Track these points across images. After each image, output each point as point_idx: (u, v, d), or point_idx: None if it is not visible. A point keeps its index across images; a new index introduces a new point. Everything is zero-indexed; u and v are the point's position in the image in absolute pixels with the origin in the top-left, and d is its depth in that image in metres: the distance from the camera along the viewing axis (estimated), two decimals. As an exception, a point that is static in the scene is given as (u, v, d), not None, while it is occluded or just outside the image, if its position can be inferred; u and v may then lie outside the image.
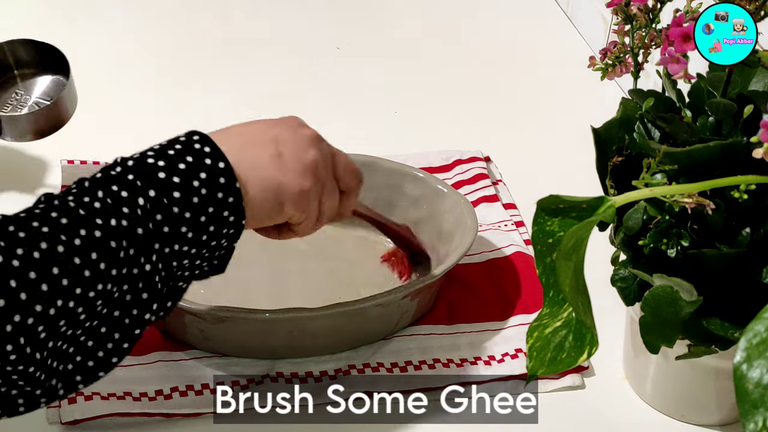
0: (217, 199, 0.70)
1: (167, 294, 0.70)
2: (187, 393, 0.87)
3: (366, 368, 0.90)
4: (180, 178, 0.69)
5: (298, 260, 1.01)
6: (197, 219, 0.69)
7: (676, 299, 0.73)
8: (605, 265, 0.82)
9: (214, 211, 0.70)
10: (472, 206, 0.99)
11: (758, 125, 0.67)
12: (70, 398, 0.84)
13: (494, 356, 0.91)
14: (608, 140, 0.81)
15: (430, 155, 1.14)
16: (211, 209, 0.70)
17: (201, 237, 0.70)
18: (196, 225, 0.70)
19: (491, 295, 0.98)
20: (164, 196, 0.68)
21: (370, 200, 1.03)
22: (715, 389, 0.85)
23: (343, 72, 1.33)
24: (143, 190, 0.68)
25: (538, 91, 1.31)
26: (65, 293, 0.63)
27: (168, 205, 0.68)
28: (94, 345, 0.66)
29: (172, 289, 0.71)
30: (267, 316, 0.87)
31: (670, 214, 0.75)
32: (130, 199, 0.67)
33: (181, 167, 0.70)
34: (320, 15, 1.44)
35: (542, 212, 0.70)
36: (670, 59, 0.73)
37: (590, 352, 0.71)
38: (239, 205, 0.72)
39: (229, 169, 0.71)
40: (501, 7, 1.47)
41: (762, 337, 0.55)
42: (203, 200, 0.70)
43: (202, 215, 0.70)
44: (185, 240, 0.69)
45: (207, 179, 0.70)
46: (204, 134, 0.72)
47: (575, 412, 0.88)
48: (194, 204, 0.69)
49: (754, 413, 0.54)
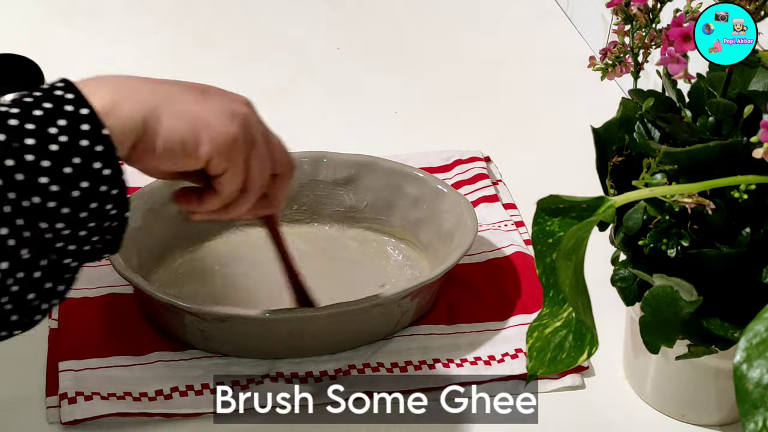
0: (81, 147, 0.63)
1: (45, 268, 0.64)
2: (187, 393, 0.87)
3: (366, 368, 0.90)
4: (35, 125, 0.62)
5: (298, 260, 1.01)
6: (59, 170, 0.62)
7: (676, 299, 0.73)
8: (605, 265, 0.82)
9: (81, 163, 0.63)
10: (472, 206, 0.99)
11: (758, 125, 0.67)
12: (70, 398, 0.84)
13: (494, 356, 0.91)
14: (608, 140, 0.81)
15: (430, 155, 1.14)
16: (77, 160, 0.63)
17: (70, 193, 0.63)
18: (58, 177, 0.62)
19: (491, 295, 0.98)
20: (15, 141, 0.62)
21: (370, 200, 1.04)
22: (715, 389, 0.85)
23: (343, 72, 1.33)
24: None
25: (538, 91, 1.31)
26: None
27: (20, 151, 0.61)
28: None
29: (51, 264, 0.65)
30: (267, 317, 0.87)
31: (670, 214, 0.75)
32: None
33: (36, 114, 0.63)
34: (320, 15, 1.44)
35: (542, 212, 0.70)
36: (670, 59, 0.73)
37: (590, 352, 0.71)
38: (111, 155, 0.64)
39: (94, 116, 0.64)
40: (501, 7, 1.47)
41: (762, 337, 0.55)
42: (64, 149, 0.63)
43: (66, 166, 0.63)
44: (48, 194, 0.62)
45: (66, 126, 0.63)
46: (69, 81, 0.66)
47: (575, 412, 0.88)
48: (53, 152, 0.62)
49: (754, 413, 0.54)
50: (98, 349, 0.90)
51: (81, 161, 0.63)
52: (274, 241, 0.89)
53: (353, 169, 1.03)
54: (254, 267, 1.00)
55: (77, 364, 0.88)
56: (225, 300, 0.95)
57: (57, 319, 0.92)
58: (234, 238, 1.03)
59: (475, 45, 1.39)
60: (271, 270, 0.99)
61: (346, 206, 1.04)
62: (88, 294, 0.95)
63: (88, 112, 0.64)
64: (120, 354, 0.90)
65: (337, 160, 1.04)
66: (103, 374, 0.87)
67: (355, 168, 1.03)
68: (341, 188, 1.04)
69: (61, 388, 0.85)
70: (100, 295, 0.95)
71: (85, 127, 0.64)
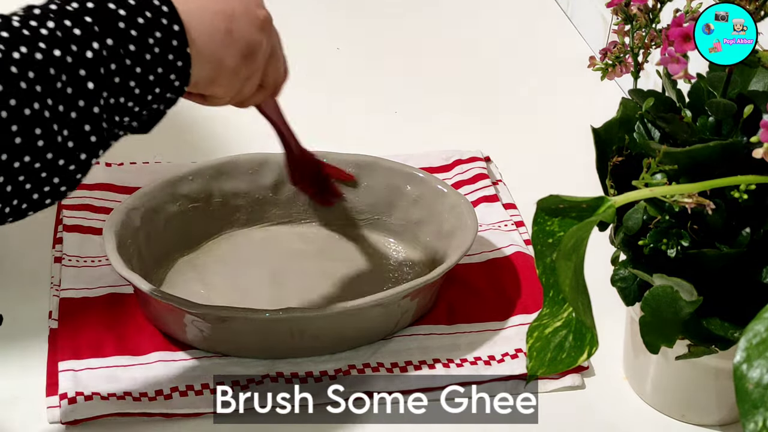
0: (168, 60, 0.70)
1: (106, 144, 0.69)
2: (187, 393, 0.87)
3: (366, 368, 0.90)
4: (137, 32, 0.68)
5: (298, 260, 1.01)
6: (146, 76, 0.69)
7: (676, 299, 0.73)
8: (605, 265, 0.82)
9: (162, 72, 0.70)
10: (472, 206, 0.99)
11: (758, 125, 0.67)
12: (70, 398, 0.84)
13: (494, 356, 0.91)
14: (608, 140, 0.81)
15: (430, 155, 1.14)
16: (160, 69, 0.70)
17: (146, 96, 0.70)
18: (144, 82, 0.69)
19: (491, 295, 0.98)
20: (121, 47, 0.67)
21: (370, 200, 1.04)
22: (715, 389, 0.85)
23: (343, 72, 1.33)
24: (100, 35, 0.67)
25: (538, 91, 1.31)
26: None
27: (123, 56, 0.68)
28: (32, 187, 0.65)
29: (107, 143, 0.70)
30: (267, 317, 0.87)
31: (670, 214, 0.75)
32: (83, 40, 0.66)
33: (140, 21, 0.69)
34: (320, 15, 1.44)
35: (542, 212, 0.70)
36: (670, 59, 0.73)
37: (590, 352, 0.71)
38: (186, 71, 0.72)
39: (183, 34, 0.71)
40: (501, 7, 1.48)
41: (762, 337, 0.55)
42: (155, 59, 0.69)
43: (151, 74, 0.69)
44: (131, 95, 0.69)
45: (162, 39, 0.69)
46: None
47: (575, 412, 0.88)
48: (146, 61, 0.69)
49: (754, 413, 0.54)
50: (98, 349, 0.90)
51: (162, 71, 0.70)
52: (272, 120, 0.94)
53: (353, 169, 1.04)
54: (254, 267, 1.00)
55: (77, 364, 0.88)
56: (225, 300, 0.95)
57: (57, 319, 0.92)
58: (234, 238, 1.03)
59: (475, 45, 1.39)
60: (272, 270, 1.00)
61: (346, 206, 1.04)
62: (88, 294, 0.95)
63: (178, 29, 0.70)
64: (120, 354, 0.90)
65: (337, 160, 1.04)
66: (103, 374, 0.87)
67: (355, 168, 1.04)
68: (341, 188, 1.04)
69: (61, 388, 0.85)
70: (100, 295, 0.95)
71: (174, 43, 0.70)
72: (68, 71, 0.65)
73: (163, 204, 0.99)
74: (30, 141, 0.64)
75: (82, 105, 0.66)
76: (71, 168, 0.67)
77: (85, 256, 0.99)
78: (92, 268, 0.98)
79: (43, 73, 0.64)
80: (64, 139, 0.65)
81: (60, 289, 0.95)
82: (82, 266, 0.98)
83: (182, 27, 0.71)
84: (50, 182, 0.66)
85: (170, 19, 0.70)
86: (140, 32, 0.69)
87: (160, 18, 0.70)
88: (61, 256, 0.99)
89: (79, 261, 0.98)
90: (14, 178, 0.64)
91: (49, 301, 0.95)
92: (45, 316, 0.93)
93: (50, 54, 0.64)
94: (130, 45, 0.68)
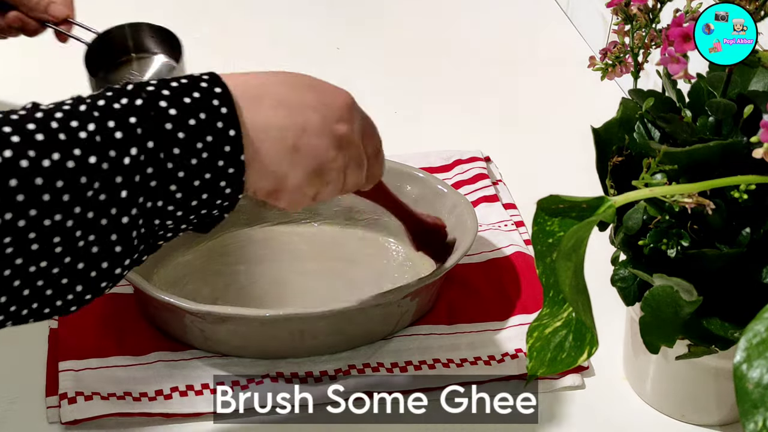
0: (217, 167, 0.66)
1: (143, 249, 0.67)
2: (187, 393, 0.87)
3: (366, 368, 0.90)
4: (185, 134, 0.64)
5: (298, 260, 1.01)
6: (190, 182, 0.65)
7: (676, 299, 0.73)
8: (605, 265, 0.82)
9: (210, 178, 0.66)
10: (472, 206, 0.99)
11: (758, 125, 0.67)
12: (70, 398, 0.84)
13: (494, 356, 0.91)
14: (608, 140, 0.81)
15: (430, 155, 1.14)
16: (208, 175, 0.66)
17: (190, 202, 0.66)
18: (187, 187, 0.65)
19: (491, 295, 0.98)
20: (162, 150, 0.64)
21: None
22: (715, 389, 0.85)
23: (343, 72, 1.33)
24: (141, 139, 0.63)
25: (538, 91, 1.31)
26: (18, 209, 0.59)
27: (163, 161, 0.64)
28: (53, 293, 0.62)
29: (149, 246, 0.67)
30: (267, 317, 0.87)
31: (670, 214, 0.75)
32: (122, 145, 0.62)
33: (191, 123, 0.65)
34: (320, 15, 1.44)
35: (542, 212, 0.70)
36: (670, 59, 0.73)
37: (590, 352, 0.71)
38: (239, 178, 0.67)
39: (239, 139, 0.66)
40: (501, 7, 1.48)
41: (762, 337, 0.55)
42: (202, 164, 0.65)
43: (197, 179, 0.65)
44: (172, 200, 0.65)
45: (212, 143, 0.65)
46: (226, 89, 0.66)
47: (575, 412, 0.88)
48: (191, 165, 0.65)
49: (754, 413, 0.54)
50: (98, 349, 0.90)
51: (211, 177, 0.66)
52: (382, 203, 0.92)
53: (353, 169, 1.03)
54: (254, 267, 1.00)
55: (77, 364, 0.88)
56: (225, 300, 0.95)
57: (57, 319, 0.92)
58: (234, 238, 1.03)
59: (475, 45, 1.39)
60: (272, 270, 1.00)
61: (346, 206, 1.04)
62: (88, 294, 0.95)
63: (234, 134, 0.66)
64: (120, 354, 0.90)
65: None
66: (103, 374, 0.87)
67: (355, 168, 1.03)
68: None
69: (61, 388, 0.85)
70: (100, 295, 0.95)
71: (227, 149, 0.66)
72: (102, 179, 0.61)
73: (163, 204, 0.99)
74: (48, 248, 0.60)
75: (113, 213, 0.62)
76: (93, 275, 0.63)
77: (85, 256, 0.99)
78: (92, 268, 0.98)
79: (74, 182, 0.60)
80: (87, 245, 0.62)
81: (60, 289, 0.95)
82: (82, 266, 0.98)
83: (239, 132, 0.66)
84: (72, 289, 0.63)
85: (226, 123, 0.66)
86: (189, 135, 0.64)
87: (215, 121, 0.65)
88: (61, 256, 0.98)
89: (79, 261, 0.98)
90: (32, 282, 0.61)
91: (49, 301, 0.94)
92: (45, 316, 0.93)
93: (84, 161, 0.61)
94: (175, 149, 0.64)
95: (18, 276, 0.60)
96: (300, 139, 0.71)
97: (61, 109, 0.62)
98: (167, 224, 0.67)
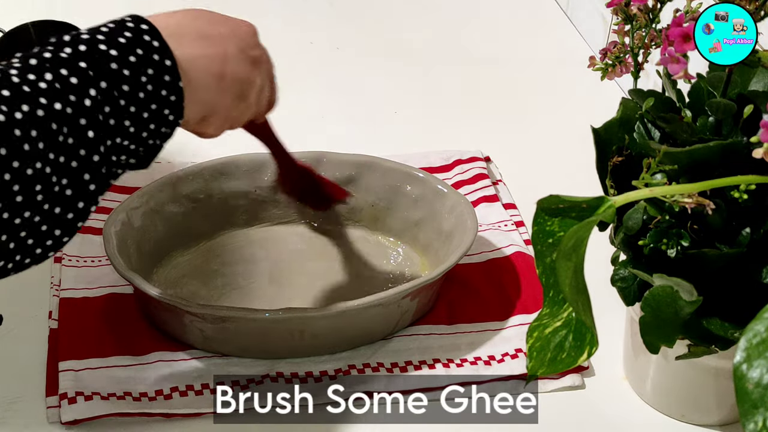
0: (161, 96, 0.70)
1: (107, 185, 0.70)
2: (187, 393, 0.87)
3: (366, 368, 0.90)
4: (130, 71, 0.68)
5: (298, 260, 1.01)
6: (140, 114, 0.69)
7: (676, 299, 0.73)
8: (605, 265, 0.82)
9: (156, 109, 0.70)
10: (472, 206, 0.99)
11: (758, 125, 0.67)
12: (70, 398, 0.84)
13: (494, 356, 0.91)
14: (608, 140, 0.81)
15: (430, 155, 1.14)
16: (154, 106, 0.70)
17: (141, 133, 0.70)
18: (139, 120, 0.69)
19: (491, 295, 0.98)
20: (115, 88, 0.68)
21: (370, 200, 1.04)
22: (715, 389, 0.85)
23: (343, 72, 1.33)
24: (95, 80, 0.67)
25: (538, 91, 1.31)
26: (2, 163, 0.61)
27: (117, 98, 0.68)
28: (34, 241, 0.65)
29: (110, 182, 0.70)
30: (267, 317, 0.87)
31: (670, 214, 0.75)
32: (80, 88, 0.66)
33: (131, 60, 0.69)
34: (320, 15, 1.44)
35: (542, 212, 0.70)
36: (670, 59, 0.73)
37: (590, 352, 0.71)
38: (180, 105, 0.71)
39: (175, 68, 0.71)
40: (501, 7, 1.48)
41: (762, 337, 0.55)
42: (148, 96, 0.69)
43: (145, 111, 0.69)
44: (127, 134, 0.69)
45: (154, 75, 0.70)
46: (151, 25, 0.71)
47: (575, 412, 0.88)
48: (140, 99, 0.69)
49: (754, 413, 0.54)
50: (98, 349, 0.90)
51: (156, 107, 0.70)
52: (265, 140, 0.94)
53: (353, 169, 1.04)
54: (254, 267, 1.00)
55: (77, 364, 0.88)
56: (225, 300, 0.95)
57: (57, 319, 0.92)
58: (234, 238, 1.03)
59: (475, 45, 1.39)
60: (272, 270, 1.00)
61: (346, 206, 1.04)
62: (88, 294, 0.95)
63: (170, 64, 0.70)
64: (120, 354, 0.90)
65: (337, 160, 1.04)
66: (103, 374, 0.87)
67: (355, 168, 1.04)
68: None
69: (61, 388, 0.85)
70: (100, 295, 0.95)
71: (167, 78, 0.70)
72: (69, 123, 0.65)
73: (163, 204, 0.99)
74: (30, 197, 0.63)
75: (83, 154, 0.66)
76: (69, 217, 0.67)
77: (85, 256, 0.99)
78: (92, 268, 0.98)
79: (46, 130, 0.64)
80: (62, 189, 0.65)
81: (60, 289, 0.95)
82: (82, 266, 0.98)
83: (174, 61, 0.71)
84: (51, 234, 0.66)
85: (162, 54, 0.70)
86: (133, 71, 0.68)
87: (151, 54, 0.70)
88: (61, 256, 0.99)
89: (79, 261, 0.98)
90: (16, 234, 0.64)
91: (49, 301, 0.95)
92: (45, 316, 0.93)
93: (51, 108, 0.64)
94: (124, 85, 0.68)
95: (4, 230, 0.63)
96: (224, 66, 0.76)
97: (14, 66, 0.66)
98: (121, 159, 0.70)
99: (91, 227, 1.01)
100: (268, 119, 0.91)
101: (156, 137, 0.72)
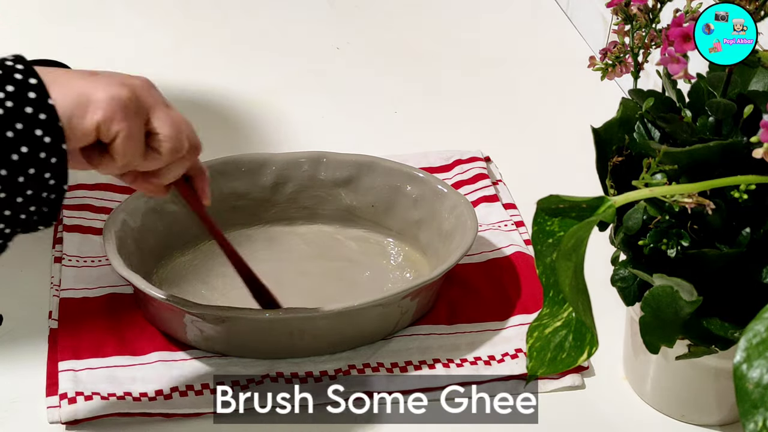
0: (26, 114, 0.64)
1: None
2: (187, 393, 0.87)
3: (366, 368, 0.90)
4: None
5: (298, 260, 1.01)
6: (3, 134, 0.63)
7: (676, 299, 0.73)
8: (605, 265, 0.82)
9: (23, 129, 0.64)
10: (472, 206, 0.99)
11: (758, 125, 0.67)
12: (70, 398, 0.84)
13: (494, 356, 0.91)
14: (608, 140, 0.81)
15: (430, 155, 1.14)
16: (19, 125, 0.64)
17: (10, 156, 0.64)
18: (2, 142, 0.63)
19: (491, 295, 0.98)
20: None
21: (370, 200, 1.04)
22: (715, 389, 0.85)
23: (343, 72, 1.33)
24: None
25: (538, 91, 1.31)
26: None
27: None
28: None
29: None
30: (267, 317, 0.87)
31: (670, 214, 0.75)
32: None
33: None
34: (320, 15, 1.44)
35: (542, 212, 0.70)
36: (670, 59, 0.73)
37: (590, 352, 0.71)
38: (54, 123, 0.65)
39: (42, 85, 0.65)
40: (501, 7, 1.48)
41: (762, 337, 0.55)
42: (9, 114, 0.63)
43: (9, 130, 0.64)
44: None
45: (14, 92, 0.64)
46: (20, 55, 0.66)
47: (575, 412, 0.88)
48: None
49: (754, 413, 0.54)
50: (98, 349, 0.90)
51: (23, 127, 0.64)
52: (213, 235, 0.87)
53: (353, 169, 1.03)
54: (254, 267, 1.00)
55: (77, 364, 0.88)
56: (225, 300, 0.95)
57: (57, 319, 0.92)
58: (234, 238, 1.03)
59: (475, 45, 1.39)
60: (271, 270, 1.00)
61: (346, 206, 1.04)
62: (88, 294, 0.95)
63: (36, 82, 0.65)
64: (120, 354, 0.90)
65: (336, 160, 1.04)
66: (103, 374, 0.87)
67: (355, 168, 1.03)
68: (341, 188, 1.04)
69: (61, 388, 0.85)
70: (100, 295, 0.95)
71: (31, 95, 0.64)
72: None
73: (163, 204, 0.99)
74: None
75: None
76: None
77: (85, 256, 0.99)
78: (92, 268, 0.98)
79: None
80: None
81: (60, 289, 0.95)
82: (82, 266, 0.98)
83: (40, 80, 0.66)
84: None
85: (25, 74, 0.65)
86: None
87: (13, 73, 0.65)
88: (61, 256, 0.99)
89: (79, 261, 0.98)
90: None
91: (49, 301, 0.95)
92: (45, 316, 0.93)
93: None
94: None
95: None
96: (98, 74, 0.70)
97: None
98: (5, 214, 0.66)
99: (91, 227, 1.01)
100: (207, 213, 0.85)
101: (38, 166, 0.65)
